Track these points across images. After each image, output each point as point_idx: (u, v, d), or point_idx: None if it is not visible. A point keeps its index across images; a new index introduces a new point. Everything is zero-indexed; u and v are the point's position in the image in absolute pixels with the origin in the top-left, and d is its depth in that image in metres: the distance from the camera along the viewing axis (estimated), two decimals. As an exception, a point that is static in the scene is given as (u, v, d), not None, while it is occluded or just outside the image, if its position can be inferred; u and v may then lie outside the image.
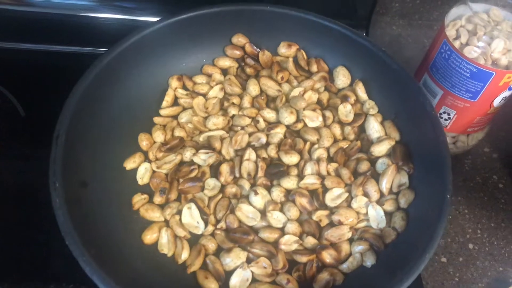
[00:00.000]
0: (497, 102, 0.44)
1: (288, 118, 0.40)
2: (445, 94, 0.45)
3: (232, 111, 0.41)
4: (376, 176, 0.38)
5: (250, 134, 0.39)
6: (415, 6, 0.63)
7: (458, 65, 0.42)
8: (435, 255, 0.43)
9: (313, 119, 0.40)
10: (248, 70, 0.43)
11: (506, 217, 0.46)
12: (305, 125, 0.40)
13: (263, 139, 0.39)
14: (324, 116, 0.40)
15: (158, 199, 0.37)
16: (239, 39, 0.44)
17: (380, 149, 0.39)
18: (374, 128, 0.40)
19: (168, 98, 0.42)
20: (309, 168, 0.37)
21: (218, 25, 0.43)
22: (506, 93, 0.43)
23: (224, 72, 0.44)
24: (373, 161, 0.39)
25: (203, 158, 0.38)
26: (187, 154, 0.39)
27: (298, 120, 0.40)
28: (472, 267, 0.43)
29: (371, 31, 0.59)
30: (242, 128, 0.40)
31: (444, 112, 0.47)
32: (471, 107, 0.45)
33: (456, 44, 0.43)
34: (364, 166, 0.38)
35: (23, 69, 0.53)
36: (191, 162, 0.38)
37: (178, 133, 0.40)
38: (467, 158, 0.51)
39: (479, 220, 0.46)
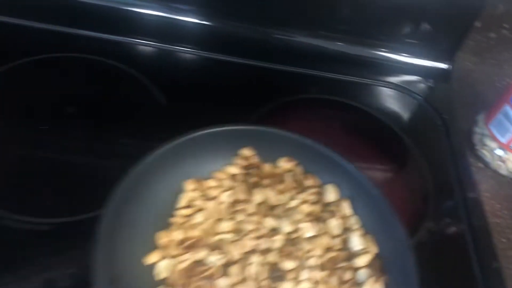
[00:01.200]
0: None
1: (287, 227, 0.46)
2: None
3: (240, 216, 0.47)
4: (358, 284, 0.45)
5: (255, 239, 0.45)
6: (488, 46, 0.75)
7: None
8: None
9: (309, 230, 0.46)
10: (252, 179, 0.50)
11: None
12: (301, 235, 0.46)
13: (266, 245, 0.45)
14: (316, 228, 0.47)
15: (176, 293, 0.42)
16: (246, 151, 0.51)
17: (361, 261, 0.45)
18: (356, 241, 0.47)
19: (184, 200, 0.48)
20: (304, 274, 0.44)
21: (230, 139, 0.50)
22: None
23: (232, 179, 0.50)
24: (355, 270, 0.45)
25: (215, 258, 0.44)
26: (202, 254, 0.44)
27: (295, 230, 0.46)
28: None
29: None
30: (248, 232, 0.46)
31: (523, 141, 0.54)
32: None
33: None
34: (348, 275, 0.45)
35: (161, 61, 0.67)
36: (205, 262, 0.44)
37: (194, 233, 0.45)
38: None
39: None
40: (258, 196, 0.48)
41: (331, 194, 0.50)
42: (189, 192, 0.48)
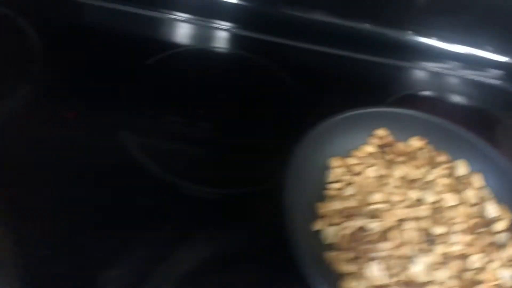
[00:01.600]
0: None
1: (430, 198, 0.51)
2: None
3: (386, 188, 0.52)
4: (500, 246, 0.49)
5: (404, 208, 0.50)
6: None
7: None
8: None
9: (450, 200, 0.51)
10: (388, 157, 0.55)
11: None
12: (444, 204, 0.51)
13: (415, 213, 0.50)
14: (456, 198, 0.52)
15: (345, 255, 0.47)
16: (381, 131, 0.56)
17: (500, 226, 0.50)
18: (491, 209, 0.52)
19: (333, 175, 0.53)
20: (453, 238, 0.49)
21: (366, 121, 0.56)
22: None
23: (370, 156, 0.55)
24: (495, 234, 0.50)
25: (374, 225, 0.48)
26: (362, 221, 0.49)
27: (438, 200, 0.51)
28: None
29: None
30: (396, 202, 0.51)
31: None
32: None
33: None
34: (490, 238, 0.49)
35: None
36: (365, 228, 0.48)
37: (350, 203, 0.50)
38: None
39: None
40: (398, 171, 0.53)
41: (462, 168, 0.55)
42: (336, 168, 0.53)
